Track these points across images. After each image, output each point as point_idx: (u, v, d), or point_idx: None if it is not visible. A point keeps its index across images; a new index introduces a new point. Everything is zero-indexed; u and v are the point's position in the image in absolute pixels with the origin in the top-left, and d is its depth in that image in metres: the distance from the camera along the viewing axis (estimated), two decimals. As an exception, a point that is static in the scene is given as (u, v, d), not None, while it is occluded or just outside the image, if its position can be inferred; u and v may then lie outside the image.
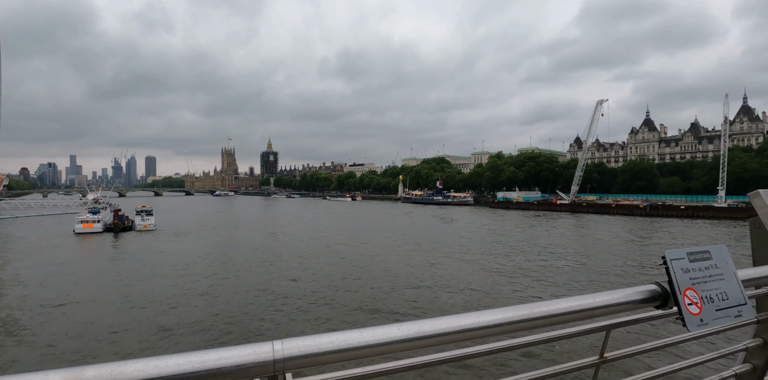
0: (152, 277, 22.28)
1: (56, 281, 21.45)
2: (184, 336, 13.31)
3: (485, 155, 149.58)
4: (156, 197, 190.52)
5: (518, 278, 21.25)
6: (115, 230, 43.29)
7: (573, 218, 59.51)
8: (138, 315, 15.69)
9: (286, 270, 23.57)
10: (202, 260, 27.17)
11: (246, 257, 28.44)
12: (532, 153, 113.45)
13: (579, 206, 72.55)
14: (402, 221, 57.61)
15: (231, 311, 16.03)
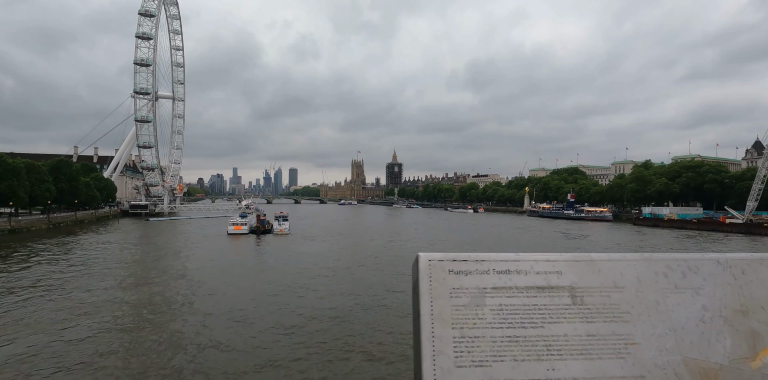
0: (288, 271, 26.12)
1: (215, 271, 26.14)
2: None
3: (628, 164, 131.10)
4: (295, 204, 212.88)
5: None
6: (257, 233, 49.11)
7: (749, 242, 47.62)
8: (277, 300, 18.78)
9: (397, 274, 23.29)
10: (329, 260, 30.67)
11: (365, 258, 30.23)
12: (692, 162, 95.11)
13: (758, 227, 57.68)
14: (525, 236, 53.23)
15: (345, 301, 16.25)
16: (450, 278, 1.25)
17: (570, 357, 1.19)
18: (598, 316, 1.28)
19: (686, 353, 1.26)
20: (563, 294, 1.29)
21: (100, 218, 74.14)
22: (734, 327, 1.31)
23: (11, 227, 49.17)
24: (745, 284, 1.38)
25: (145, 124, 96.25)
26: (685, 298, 1.34)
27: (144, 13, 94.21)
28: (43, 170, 57.63)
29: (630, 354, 1.24)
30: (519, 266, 1.31)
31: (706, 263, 1.40)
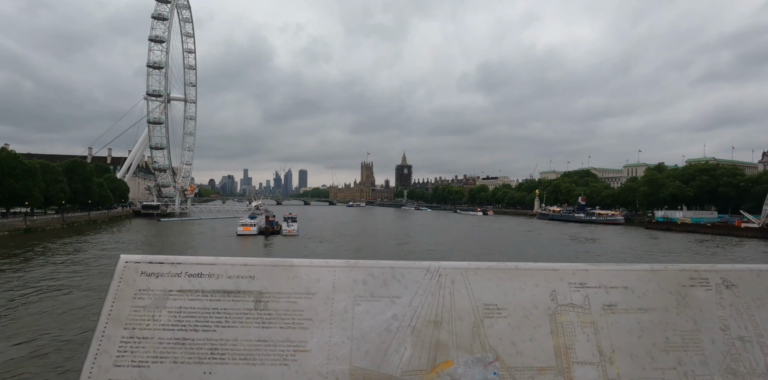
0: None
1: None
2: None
3: (641, 167, 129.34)
4: (305, 205, 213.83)
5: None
6: (266, 234, 49.46)
7: (765, 247, 46.61)
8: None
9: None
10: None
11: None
12: (706, 165, 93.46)
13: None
14: (533, 239, 52.78)
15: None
16: (140, 280, 1.26)
17: (232, 362, 1.18)
18: (276, 322, 1.27)
19: (357, 362, 1.24)
20: (248, 299, 1.29)
21: (113, 218, 75.31)
22: (420, 337, 1.30)
23: (27, 226, 50.17)
24: (451, 293, 1.39)
25: (157, 126, 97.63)
26: (377, 306, 1.34)
27: (157, 16, 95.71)
28: (57, 170, 58.75)
29: (296, 362, 1.22)
30: (213, 270, 1.31)
31: (413, 271, 1.41)
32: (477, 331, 1.37)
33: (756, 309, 1.51)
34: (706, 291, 1.54)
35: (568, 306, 1.47)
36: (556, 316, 1.45)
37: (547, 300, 1.47)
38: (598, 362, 1.38)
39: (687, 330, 1.46)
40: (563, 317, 1.45)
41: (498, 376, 1.31)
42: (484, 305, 1.41)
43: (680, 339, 1.45)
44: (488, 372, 1.31)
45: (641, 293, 1.52)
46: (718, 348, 1.43)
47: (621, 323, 1.46)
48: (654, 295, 1.52)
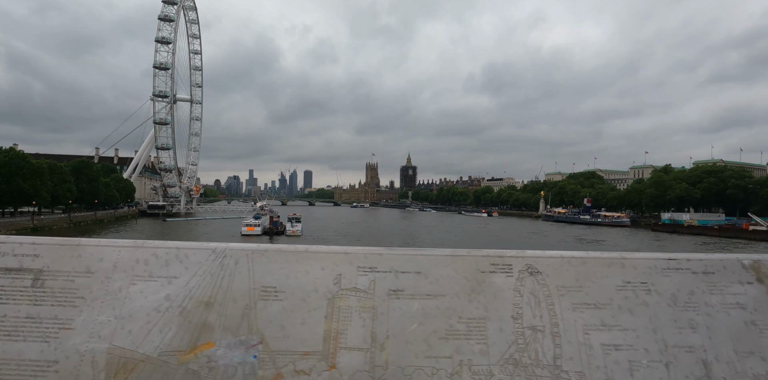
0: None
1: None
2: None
3: (648, 168, 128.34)
4: (309, 206, 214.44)
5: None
6: (270, 234, 49.64)
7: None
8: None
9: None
10: None
11: None
12: (714, 166, 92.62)
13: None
14: (536, 241, 52.53)
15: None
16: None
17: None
18: (49, 300, 1.27)
19: (117, 342, 1.23)
20: (27, 277, 1.28)
21: (119, 217, 75.90)
22: (188, 318, 1.29)
23: (34, 225, 50.72)
24: (231, 275, 1.38)
25: (163, 126, 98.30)
26: (152, 286, 1.32)
27: (163, 18, 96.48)
28: (65, 170, 59.33)
29: (57, 339, 1.21)
30: (1, 248, 1.33)
31: (198, 252, 1.40)
32: (248, 313, 1.34)
33: (558, 297, 1.47)
34: (506, 278, 1.49)
35: (351, 291, 1.44)
36: (335, 300, 1.42)
37: (330, 283, 1.44)
38: (368, 348, 1.35)
39: (475, 318, 1.42)
40: (342, 301, 1.42)
41: (258, 359, 1.28)
42: (262, 287, 1.39)
43: (465, 326, 1.41)
44: (248, 355, 1.28)
45: (434, 278, 1.48)
46: (504, 337, 1.39)
47: (404, 309, 1.42)
48: (447, 281, 1.47)
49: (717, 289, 1.52)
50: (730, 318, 1.47)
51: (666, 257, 1.58)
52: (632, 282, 1.51)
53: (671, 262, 1.56)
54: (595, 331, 1.42)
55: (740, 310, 1.48)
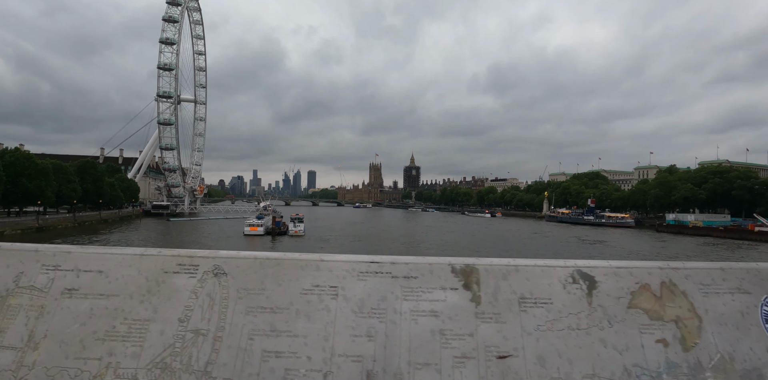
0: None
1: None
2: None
3: (653, 169, 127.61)
4: (313, 206, 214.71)
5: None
6: (273, 234, 49.74)
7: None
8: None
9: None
10: None
11: None
12: (720, 167, 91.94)
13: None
14: (538, 241, 52.33)
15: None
16: None
17: None
18: None
19: None
20: None
21: (123, 217, 76.36)
22: None
23: (39, 225, 51.12)
24: None
25: (167, 126, 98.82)
26: None
27: (168, 19, 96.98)
28: (69, 170, 59.75)
29: None
30: None
31: None
32: None
33: (235, 300, 1.42)
34: (188, 279, 1.45)
35: (27, 289, 1.41)
36: (9, 298, 1.39)
37: (9, 281, 1.42)
38: (21, 347, 1.31)
39: (139, 319, 1.38)
40: (15, 300, 1.40)
41: None
42: None
43: (127, 328, 1.36)
44: None
45: (114, 278, 1.45)
46: (163, 340, 1.35)
47: (72, 308, 1.39)
48: (126, 281, 1.44)
49: (413, 295, 1.45)
50: (416, 326, 1.40)
51: (369, 260, 1.52)
52: (321, 286, 1.46)
53: (372, 265, 1.50)
54: (261, 337, 1.36)
55: (432, 318, 1.41)
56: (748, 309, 1.46)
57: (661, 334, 1.41)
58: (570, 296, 1.46)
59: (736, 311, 1.46)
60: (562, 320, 1.42)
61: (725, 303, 1.47)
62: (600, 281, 1.49)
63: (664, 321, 1.43)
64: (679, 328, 1.42)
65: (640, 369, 1.35)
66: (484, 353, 1.36)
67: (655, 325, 1.42)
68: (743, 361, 1.38)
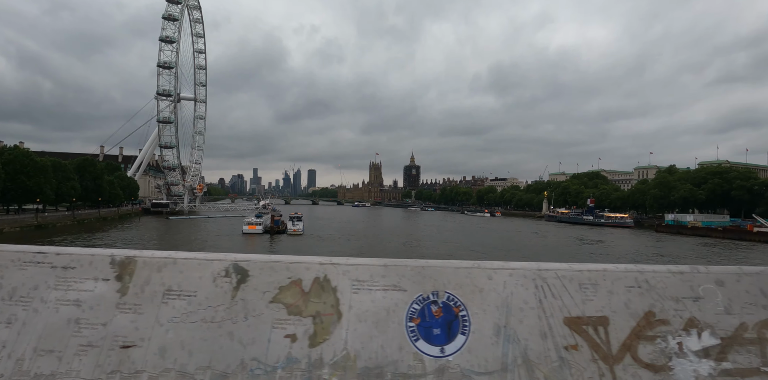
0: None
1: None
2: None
3: (652, 169, 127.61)
4: (312, 205, 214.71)
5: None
6: (271, 233, 49.76)
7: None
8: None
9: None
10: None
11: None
12: (719, 167, 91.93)
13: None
14: (536, 241, 52.37)
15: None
16: None
17: None
18: None
19: None
20: None
21: (122, 215, 76.41)
22: None
23: (38, 222, 51.16)
24: None
25: (167, 125, 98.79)
26: None
27: (167, 17, 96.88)
28: (69, 168, 59.78)
29: None
30: None
31: None
32: None
33: None
34: None
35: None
36: None
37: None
38: None
39: None
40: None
41: None
42: None
43: None
44: None
45: None
46: None
47: None
48: None
49: (65, 284, 1.45)
50: (56, 314, 1.40)
51: (36, 250, 1.51)
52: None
53: (37, 255, 1.49)
54: None
55: (73, 307, 1.42)
56: (396, 306, 1.45)
57: (293, 329, 1.41)
58: (216, 289, 1.45)
59: (383, 308, 1.45)
60: (198, 312, 1.42)
61: (375, 299, 1.45)
62: (253, 276, 1.48)
63: (302, 316, 1.43)
64: (315, 324, 1.42)
65: (257, 363, 1.35)
66: (110, 342, 1.38)
67: (291, 320, 1.42)
68: (368, 358, 1.37)
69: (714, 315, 1.34)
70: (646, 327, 1.36)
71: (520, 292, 1.45)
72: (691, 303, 1.37)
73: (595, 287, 1.44)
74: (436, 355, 1.38)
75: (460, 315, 1.43)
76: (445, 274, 1.48)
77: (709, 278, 1.39)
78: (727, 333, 1.31)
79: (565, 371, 1.33)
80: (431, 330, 1.41)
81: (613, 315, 1.40)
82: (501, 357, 1.36)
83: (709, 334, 1.31)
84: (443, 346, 1.39)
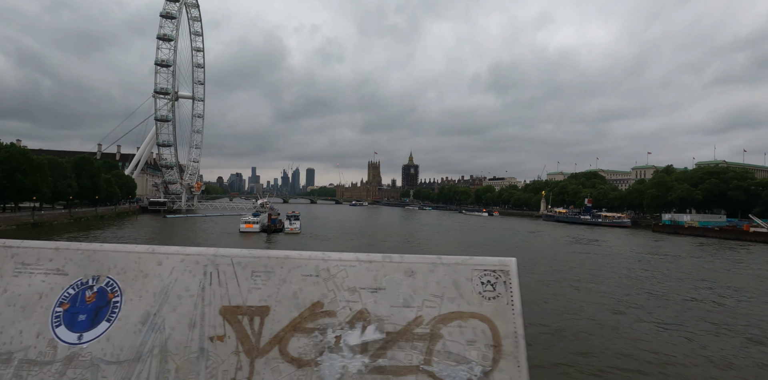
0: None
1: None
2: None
3: (650, 169, 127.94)
4: (311, 204, 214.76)
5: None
6: (268, 232, 49.78)
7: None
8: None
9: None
10: None
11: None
12: (716, 168, 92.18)
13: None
14: (532, 240, 52.47)
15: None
16: None
17: None
18: None
19: None
20: None
21: (119, 213, 76.30)
22: None
23: (34, 220, 51.08)
24: None
25: (164, 123, 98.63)
26: None
27: (165, 15, 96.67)
28: (65, 166, 59.67)
29: None
30: None
31: None
32: None
33: None
34: None
35: None
36: None
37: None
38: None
39: None
40: None
41: None
42: None
43: None
44: None
45: None
46: None
47: None
48: None
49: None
50: None
51: None
52: None
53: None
54: None
55: None
56: (51, 291, 1.36)
57: None
58: None
59: (37, 292, 1.36)
60: None
61: (32, 283, 1.37)
62: None
63: None
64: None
65: None
66: None
67: None
68: (1, 344, 1.29)
69: (389, 307, 1.20)
70: (307, 319, 1.24)
71: (185, 279, 1.34)
72: (368, 294, 1.23)
73: (269, 275, 1.32)
74: (72, 342, 1.28)
75: (113, 301, 1.33)
76: (114, 258, 1.39)
77: (399, 268, 1.26)
78: (396, 328, 1.17)
79: (201, 362, 1.22)
80: (77, 316, 1.31)
81: (277, 304, 1.28)
82: (138, 347, 1.26)
83: (375, 328, 1.18)
84: (83, 333, 1.29)
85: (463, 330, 1.09)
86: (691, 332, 15.55)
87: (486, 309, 1.11)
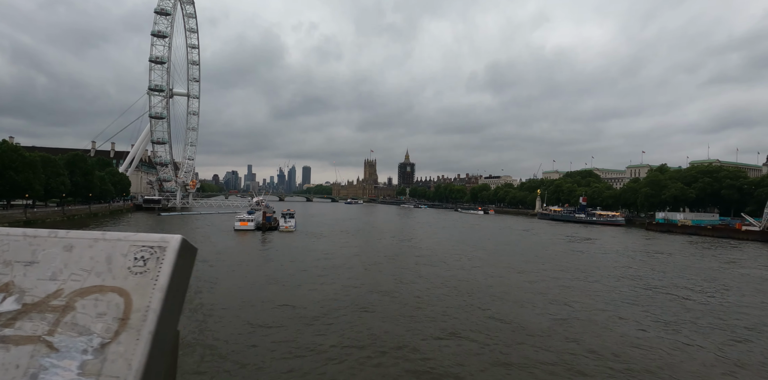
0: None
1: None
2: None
3: (644, 168, 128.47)
4: (307, 202, 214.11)
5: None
6: (263, 230, 49.66)
7: (764, 250, 46.21)
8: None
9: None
10: (323, 259, 29.31)
11: (376, 259, 29.41)
12: (709, 166, 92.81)
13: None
14: (526, 238, 52.64)
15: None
16: None
17: None
18: None
19: None
20: None
21: (113, 211, 75.87)
22: None
23: (26, 218, 50.71)
24: None
25: (159, 120, 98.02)
26: None
27: (160, 11, 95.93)
28: (58, 163, 59.21)
29: None
30: None
31: None
32: None
33: None
34: None
35: None
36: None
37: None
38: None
39: None
40: None
41: None
42: None
43: None
44: None
45: None
46: None
47: None
48: None
49: None
50: None
51: None
52: None
53: None
54: None
55: None
56: None
57: None
58: None
59: None
60: None
61: None
62: None
63: None
64: None
65: None
66: None
67: None
68: None
69: (36, 280, 1.16)
70: None
71: None
72: (20, 267, 1.20)
73: None
74: None
75: None
76: None
77: (59, 243, 1.22)
78: (33, 300, 1.14)
79: None
80: None
81: None
82: None
83: (14, 300, 1.14)
84: None
85: (98, 303, 1.08)
86: (678, 329, 15.68)
87: (128, 284, 1.09)
